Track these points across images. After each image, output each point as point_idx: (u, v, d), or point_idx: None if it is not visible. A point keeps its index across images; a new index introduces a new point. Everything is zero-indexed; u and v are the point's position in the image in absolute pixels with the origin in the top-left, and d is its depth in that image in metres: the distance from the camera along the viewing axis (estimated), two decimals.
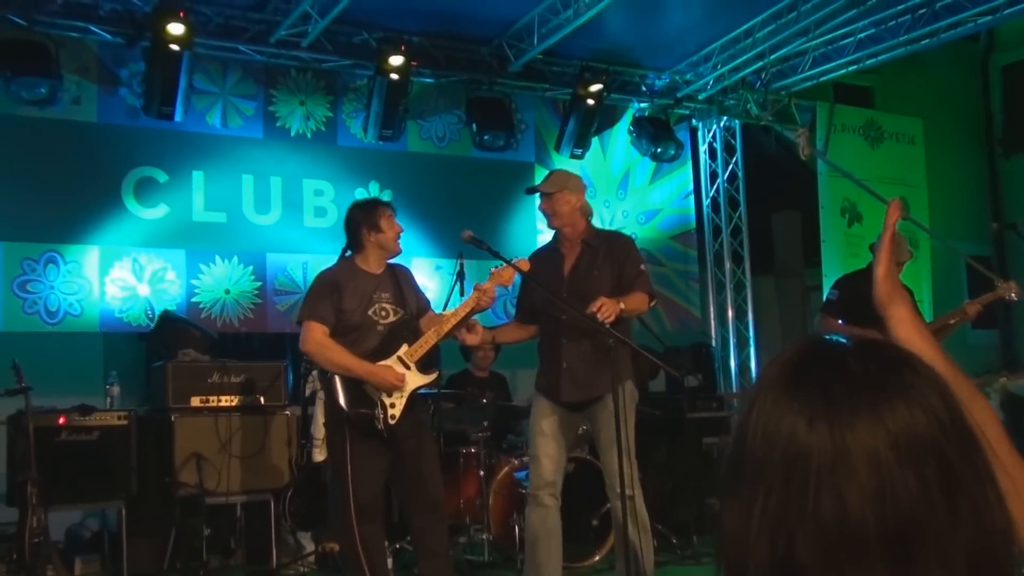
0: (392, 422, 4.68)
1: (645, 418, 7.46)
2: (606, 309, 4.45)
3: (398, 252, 4.98)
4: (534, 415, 4.88)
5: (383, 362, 4.71)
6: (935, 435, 0.94)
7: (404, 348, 4.76)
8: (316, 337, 4.69)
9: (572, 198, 4.91)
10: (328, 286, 4.80)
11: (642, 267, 4.96)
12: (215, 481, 6.23)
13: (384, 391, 4.66)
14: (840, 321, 6.12)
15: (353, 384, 4.67)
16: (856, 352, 0.99)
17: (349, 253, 4.97)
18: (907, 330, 1.59)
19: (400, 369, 4.70)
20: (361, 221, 4.89)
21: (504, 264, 4.75)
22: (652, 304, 4.99)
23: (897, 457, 0.92)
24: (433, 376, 4.88)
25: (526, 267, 4.76)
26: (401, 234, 4.99)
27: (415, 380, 4.77)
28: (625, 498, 4.46)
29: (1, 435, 6.00)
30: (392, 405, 4.69)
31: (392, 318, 4.81)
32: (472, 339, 4.79)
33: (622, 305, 4.56)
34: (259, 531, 6.57)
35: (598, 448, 4.88)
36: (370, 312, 4.78)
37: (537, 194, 5.09)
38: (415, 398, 4.81)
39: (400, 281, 4.94)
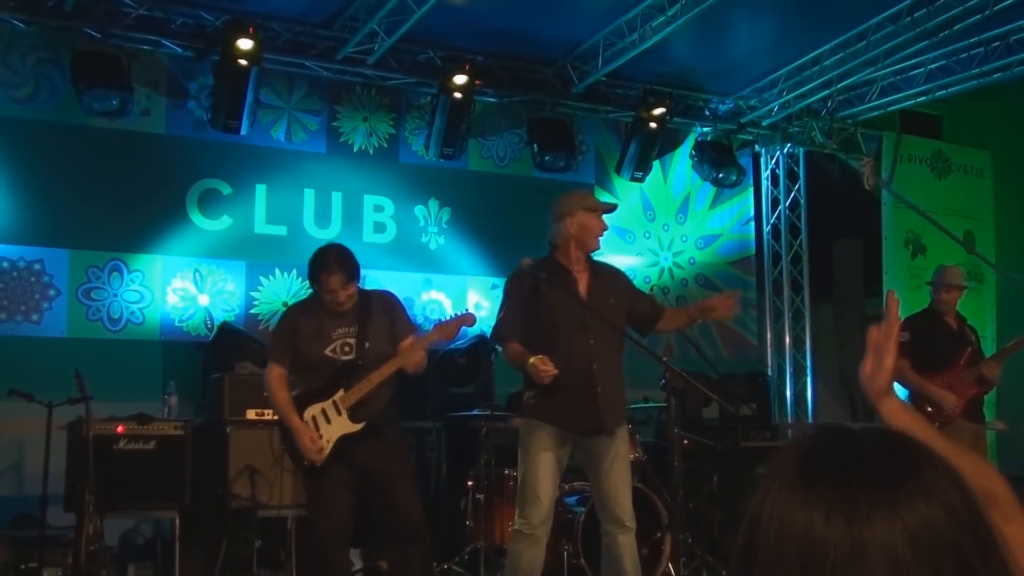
0: (317, 465, 4.72)
1: (697, 447, 7.46)
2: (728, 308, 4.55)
3: (344, 312, 4.81)
4: (534, 446, 4.62)
5: (316, 406, 4.74)
6: (953, 531, 0.93)
7: (340, 393, 4.74)
8: (269, 379, 4.85)
9: None
10: (288, 326, 4.88)
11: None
12: (267, 494, 6.29)
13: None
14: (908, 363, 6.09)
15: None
16: (872, 443, 0.98)
17: None
18: (903, 421, 1.58)
19: (332, 421, 4.71)
20: (310, 276, 4.85)
21: (453, 318, 4.74)
22: None
23: (914, 553, 0.91)
24: (359, 427, 4.73)
25: (472, 323, 4.80)
26: (344, 301, 4.76)
27: (340, 428, 4.72)
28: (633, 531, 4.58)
29: (61, 440, 6.11)
30: (320, 450, 4.72)
31: (350, 356, 4.78)
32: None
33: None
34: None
35: (601, 479, 4.69)
36: (328, 351, 4.77)
37: (606, 211, 4.96)
38: (378, 429, 4.76)
39: (371, 314, 4.82)
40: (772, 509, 0.98)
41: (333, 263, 4.72)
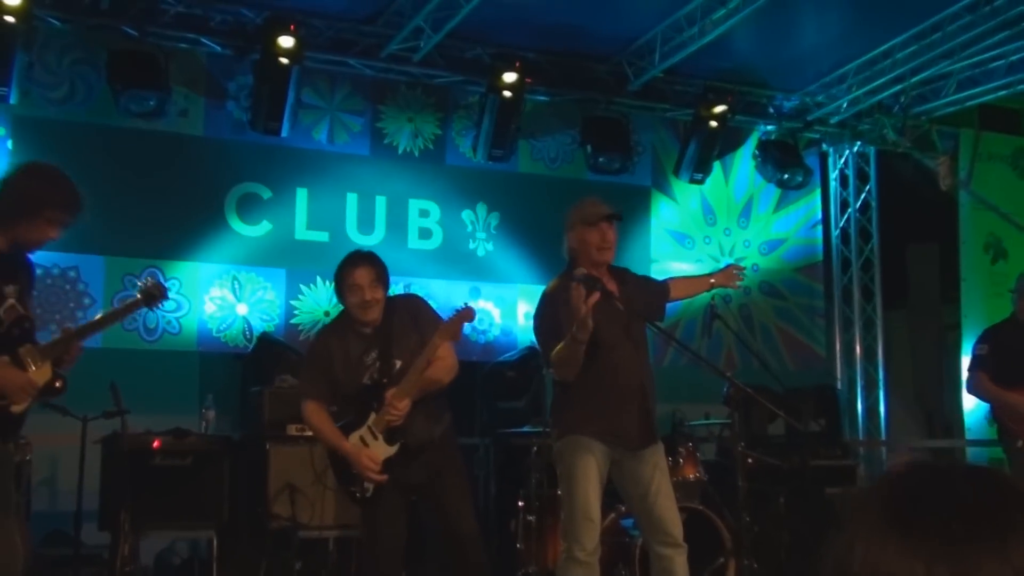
0: (368, 495, 4.65)
1: (762, 466, 7.37)
2: None
3: (369, 322, 4.66)
4: (581, 464, 4.49)
5: (354, 435, 4.63)
6: None
7: (372, 416, 4.63)
8: (305, 414, 4.75)
9: None
10: (320, 359, 4.76)
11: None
12: (308, 514, 6.28)
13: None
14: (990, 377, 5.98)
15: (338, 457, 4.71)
16: (970, 482, 0.95)
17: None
18: None
19: (371, 446, 4.62)
20: (336, 282, 4.73)
21: (453, 316, 4.55)
22: None
23: None
24: (395, 448, 4.61)
25: (472, 316, 4.63)
26: (371, 303, 4.61)
27: (380, 452, 4.61)
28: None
29: (95, 454, 6.15)
30: (380, 470, 4.63)
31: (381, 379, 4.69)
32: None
33: None
34: (351, 568, 6.61)
35: (640, 496, 4.58)
36: (364, 380, 4.68)
37: (607, 220, 4.64)
38: (419, 448, 4.65)
39: (395, 327, 4.69)
40: (864, 559, 0.93)
41: (360, 257, 4.69)
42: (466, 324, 4.68)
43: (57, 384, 3.98)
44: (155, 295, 4.36)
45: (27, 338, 3.91)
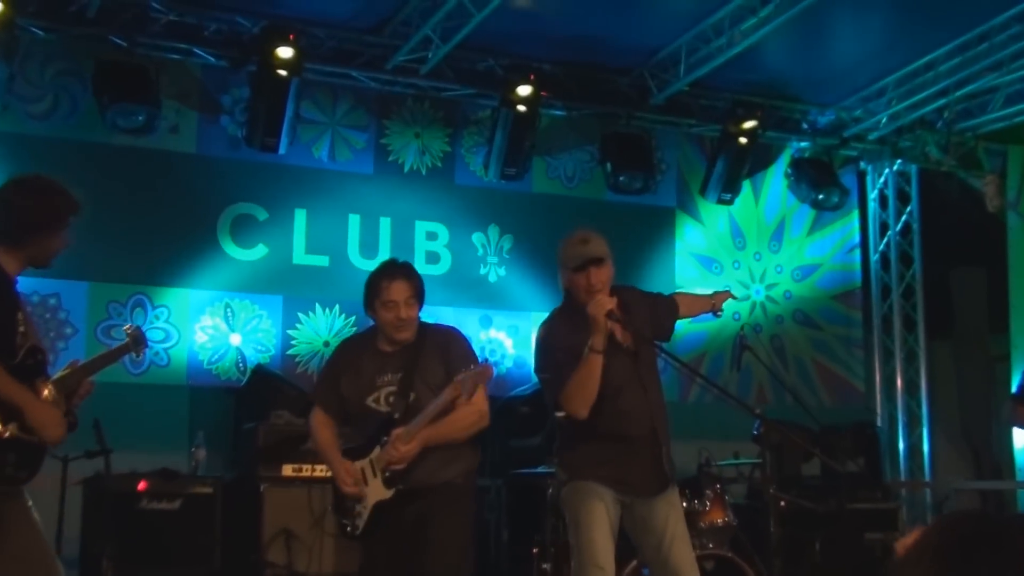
0: (357, 533, 4.51)
1: (796, 510, 7.31)
2: None
3: (402, 340, 4.54)
4: (589, 511, 4.41)
5: (355, 465, 4.51)
6: None
7: (376, 451, 4.49)
8: (310, 424, 4.73)
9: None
10: (334, 366, 4.72)
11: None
12: (306, 561, 6.25)
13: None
14: None
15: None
16: (1021, 533, 0.95)
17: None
18: None
19: (370, 484, 4.48)
20: (367, 292, 4.59)
21: (472, 372, 4.34)
22: None
23: None
24: (390, 494, 4.45)
25: (490, 375, 4.42)
26: (405, 321, 4.47)
27: (375, 493, 4.47)
28: None
29: (76, 497, 6.10)
30: (358, 515, 4.50)
31: (391, 409, 4.53)
32: None
33: None
34: None
35: (655, 545, 4.47)
36: (370, 401, 4.54)
37: (591, 264, 4.39)
38: (415, 496, 4.46)
39: (422, 357, 4.53)
40: None
41: (397, 269, 4.56)
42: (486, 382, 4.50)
43: (70, 420, 3.97)
44: (139, 343, 4.42)
45: (41, 370, 3.91)
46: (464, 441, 4.58)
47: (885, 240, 10.07)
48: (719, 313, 5.05)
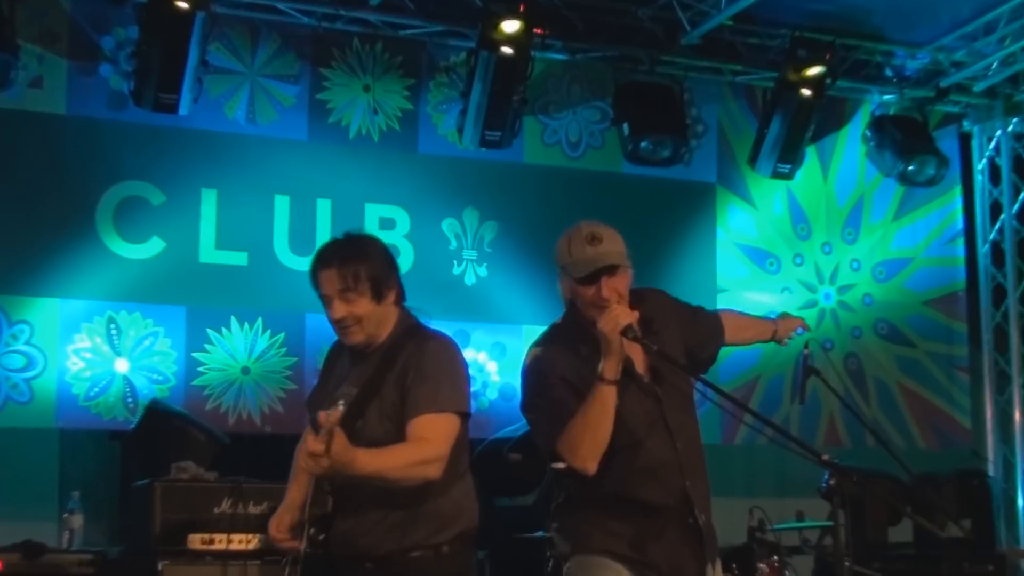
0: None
1: None
2: None
3: (356, 348, 4.45)
4: None
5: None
6: None
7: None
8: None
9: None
10: (320, 375, 4.75)
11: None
12: None
13: None
14: None
15: None
16: None
17: None
18: None
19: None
20: None
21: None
22: None
23: None
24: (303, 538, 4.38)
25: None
26: (347, 322, 4.33)
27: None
28: None
29: None
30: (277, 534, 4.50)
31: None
32: None
33: None
34: None
35: None
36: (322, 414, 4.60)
37: (602, 274, 4.30)
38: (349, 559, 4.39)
39: (390, 371, 4.39)
40: None
41: (327, 252, 4.47)
42: None
43: None
44: None
45: None
46: (401, 489, 4.48)
47: (998, 226, 10.14)
48: (785, 342, 5.04)
